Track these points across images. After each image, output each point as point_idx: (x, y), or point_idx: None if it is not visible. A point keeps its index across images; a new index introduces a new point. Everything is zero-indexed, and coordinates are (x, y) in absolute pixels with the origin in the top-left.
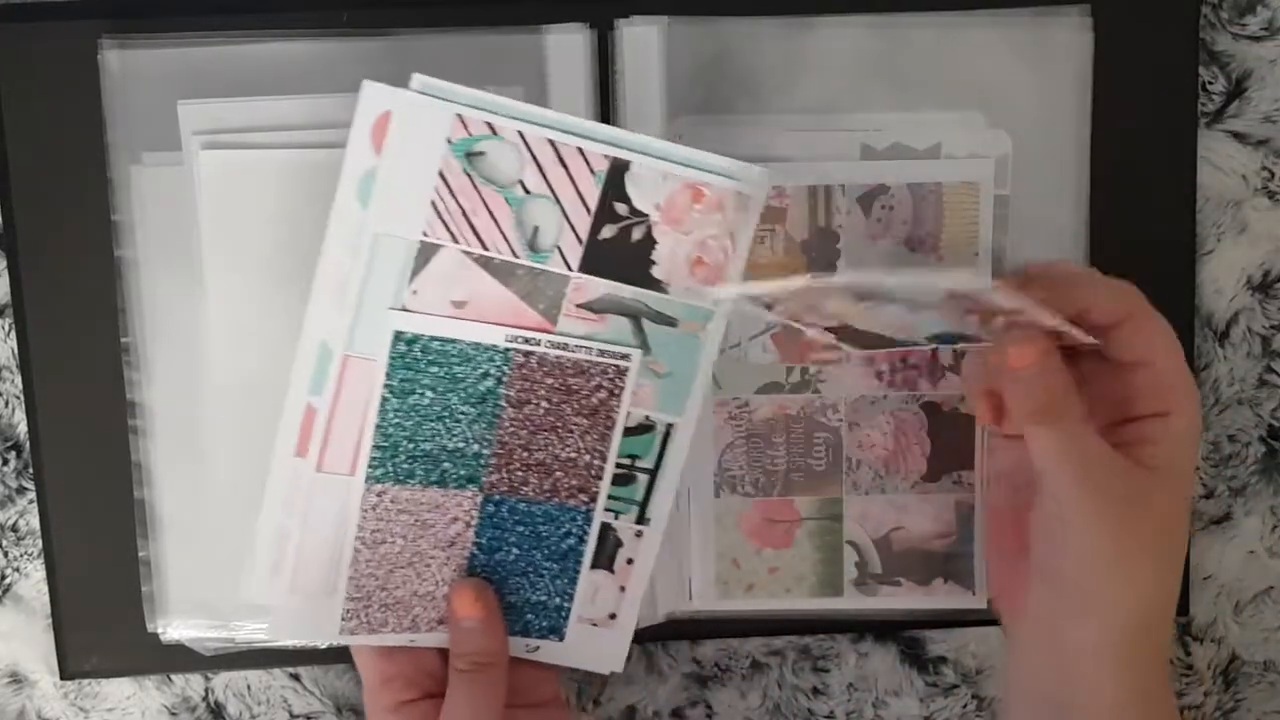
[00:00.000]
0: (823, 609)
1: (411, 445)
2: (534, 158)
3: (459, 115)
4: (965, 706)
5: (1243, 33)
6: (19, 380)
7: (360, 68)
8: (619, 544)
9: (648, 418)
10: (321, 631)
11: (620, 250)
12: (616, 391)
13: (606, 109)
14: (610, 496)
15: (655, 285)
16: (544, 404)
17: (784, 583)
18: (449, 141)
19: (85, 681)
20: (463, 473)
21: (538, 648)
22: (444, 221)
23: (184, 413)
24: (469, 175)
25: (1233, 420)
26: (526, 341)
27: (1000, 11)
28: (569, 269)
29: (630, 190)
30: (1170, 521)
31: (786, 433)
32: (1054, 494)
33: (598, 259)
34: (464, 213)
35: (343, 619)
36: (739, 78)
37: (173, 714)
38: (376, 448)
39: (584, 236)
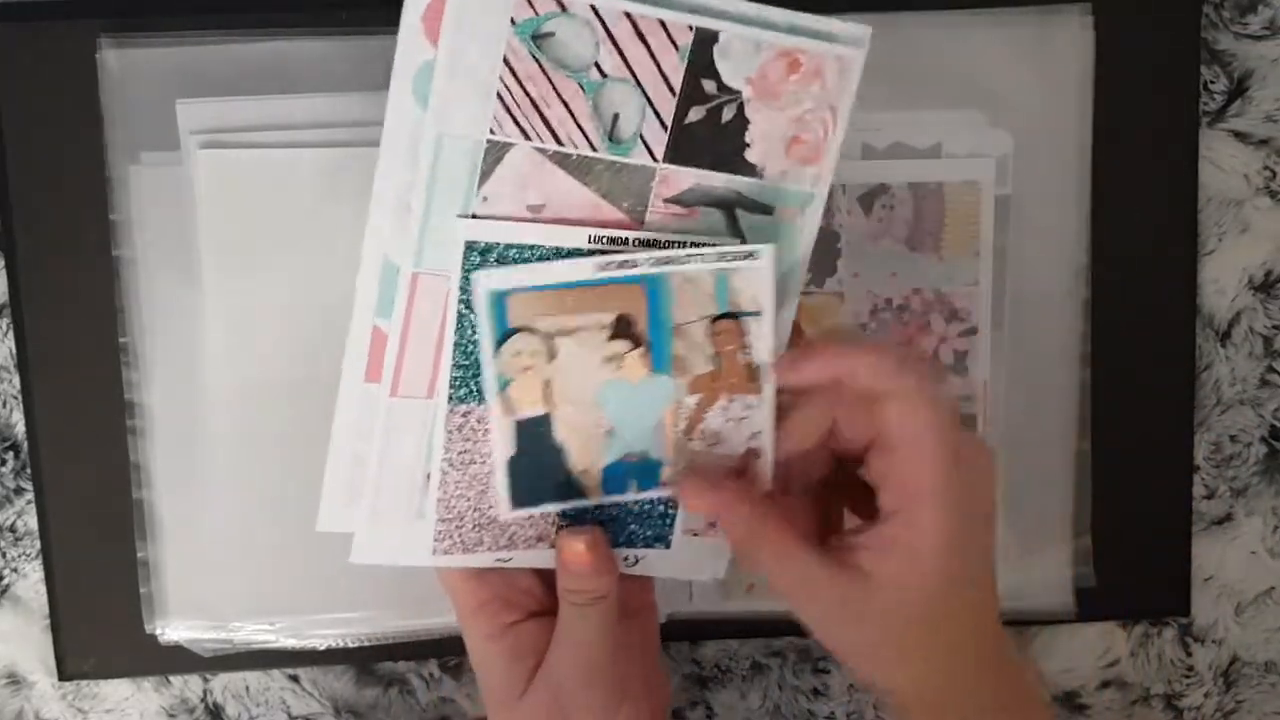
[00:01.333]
0: None
1: None
2: (610, 35)
3: None
4: None
5: (1244, 32)
6: (17, 380)
7: (360, 67)
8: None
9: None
10: (412, 554)
11: (709, 134)
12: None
13: None
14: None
15: (749, 170)
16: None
17: None
18: (513, 22)
19: (83, 682)
20: None
21: (639, 560)
22: (512, 115)
23: (183, 413)
24: (537, 60)
25: (1234, 421)
26: (612, 242)
27: (1002, 11)
28: (654, 160)
29: (719, 64)
30: (904, 609)
31: None
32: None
33: (685, 146)
34: (534, 103)
35: (435, 540)
36: None
37: (171, 715)
38: (457, 367)
39: (669, 121)
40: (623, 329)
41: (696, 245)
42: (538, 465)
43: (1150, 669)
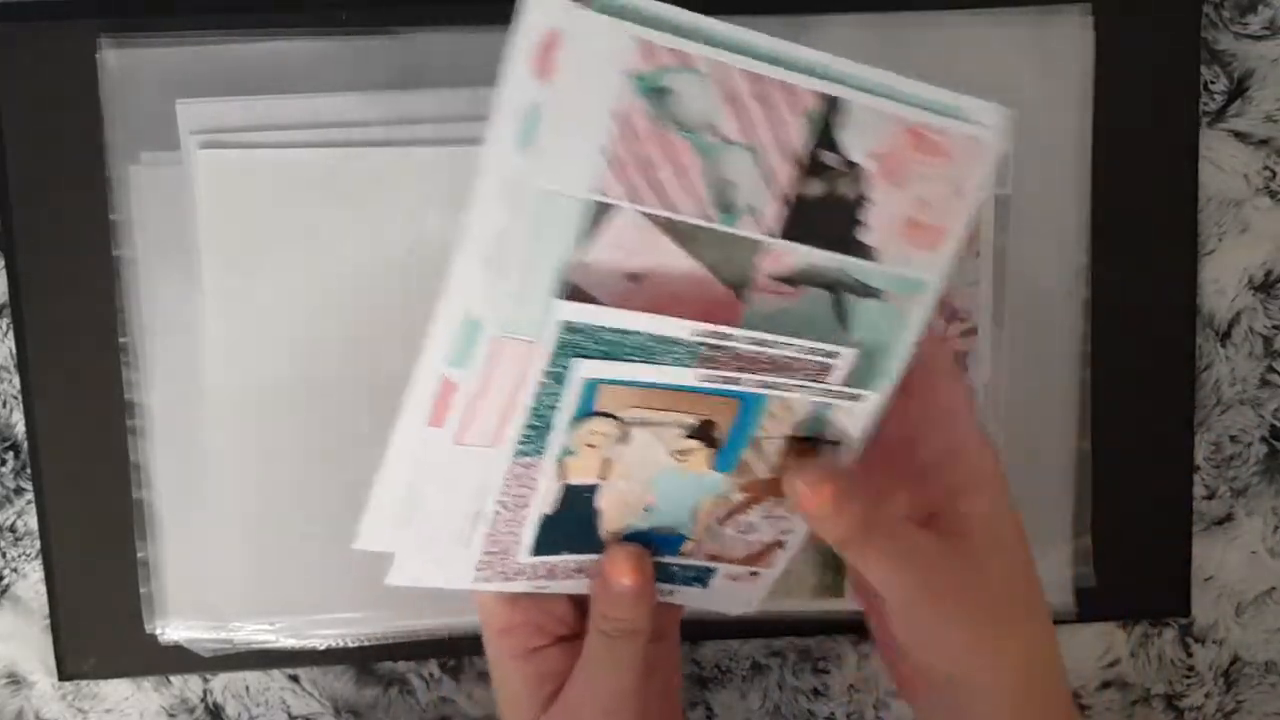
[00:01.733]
0: (823, 610)
1: None
2: (731, 96)
3: (642, 39)
4: None
5: (1244, 32)
6: (17, 380)
7: (360, 68)
8: None
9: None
10: (453, 579)
11: (825, 211)
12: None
13: None
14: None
15: (863, 252)
16: (759, 374)
17: (784, 584)
18: (629, 75)
19: (83, 682)
20: None
21: (673, 592)
22: (621, 174)
23: (183, 413)
24: (652, 117)
25: (1234, 421)
26: (716, 335)
27: (1002, 11)
28: (764, 234)
29: (842, 135)
30: (1011, 579)
31: None
32: (892, 604)
33: (799, 221)
34: (644, 164)
35: (477, 569)
36: None
37: (171, 715)
38: (529, 427)
39: (784, 194)
40: (702, 432)
41: (800, 352)
42: (571, 523)
43: (1150, 669)
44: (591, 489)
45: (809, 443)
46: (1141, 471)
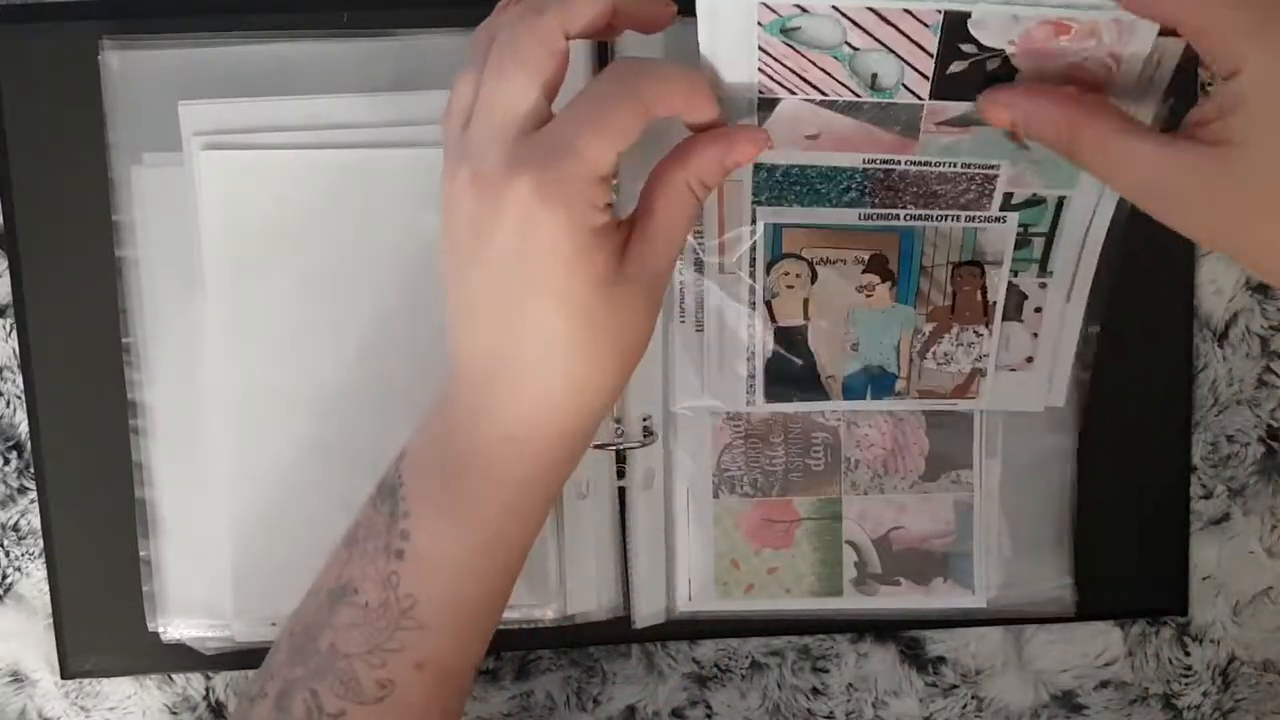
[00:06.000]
0: (822, 609)
1: None
2: (855, 24)
3: (763, 3)
4: (965, 707)
5: None
6: (20, 380)
7: (362, 69)
8: (1024, 296)
9: (1034, 195)
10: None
11: (975, 80)
12: (988, 192)
13: None
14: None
15: None
16: (910, 208)
17: (783, 583)
18: (760, 24)
19: (86, 681)
20: None
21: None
22: (777, 82)
23: (184, 413)
24: (790, 45)
25: (1231, 421)
26: (885, 163)
27: None
28: (920, 99)
29: (975, 33)
30: (1268, 163)
31: (785, 433)
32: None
33: (951, 87)
34: (794, 72)
35: None
36: None
37: (173, 713)
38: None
39: (929, 74)
40: (876, 265)
41: (961, 169)
42: (791, 366)
43: (1148, 668)
44: (801, 331)
45: (974, 265)
46: (1139, 471)
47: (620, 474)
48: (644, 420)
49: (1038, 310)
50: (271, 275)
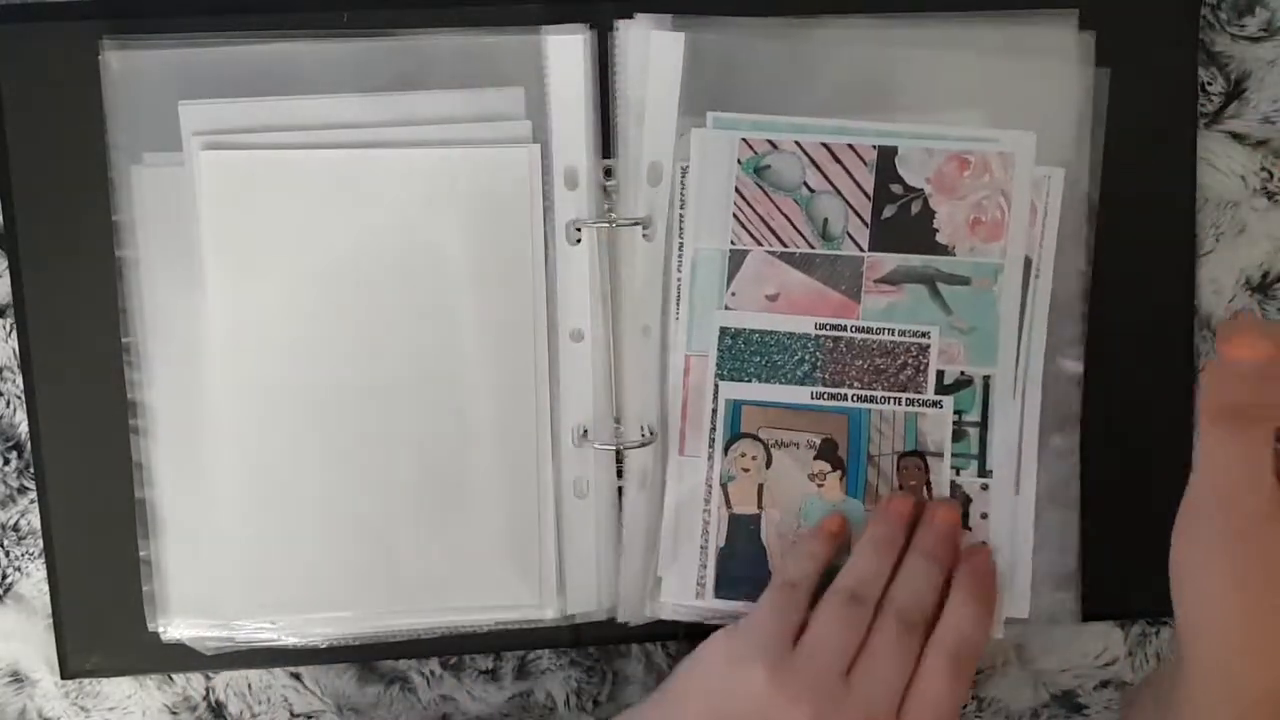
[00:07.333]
0: None
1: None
2: (812, 161)
3: (744, 139)
4: (965, 706)
5: (1241, 34)
6: (20, 380)
7: (362, 69)
8: (968, 499)
9: (963, 373)
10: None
11: (903, 225)
12: (922, 366)
13: (606, 110)
14: (951, 454)
15: (941, 250)
16: (856, 384)
17: None
18: (739, 162)
19: (86, 681)
20: None
21: None
22: (747, 229)
23: (184, 413)
24: (760, 186)
25: None
26: (834, 328)
27: (1001, 13)
28: (861, 249)
29: (901, 170)
30: None
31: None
32: (1189, 509)
33: (884, 236)
34: (761, 218)
35: None
36: (739, 78)
37: (173, 713)
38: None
39: (868, 219)
40: (827, 451)
41: (900, 336)
42: (745, 561)
43: (1148, 668)
44: (755, 520)
45: (916, 456)
46: (1139, 471)
47: (620, 474)
48: (642, 426)
49: (984, 516)
50: (271, 275)
